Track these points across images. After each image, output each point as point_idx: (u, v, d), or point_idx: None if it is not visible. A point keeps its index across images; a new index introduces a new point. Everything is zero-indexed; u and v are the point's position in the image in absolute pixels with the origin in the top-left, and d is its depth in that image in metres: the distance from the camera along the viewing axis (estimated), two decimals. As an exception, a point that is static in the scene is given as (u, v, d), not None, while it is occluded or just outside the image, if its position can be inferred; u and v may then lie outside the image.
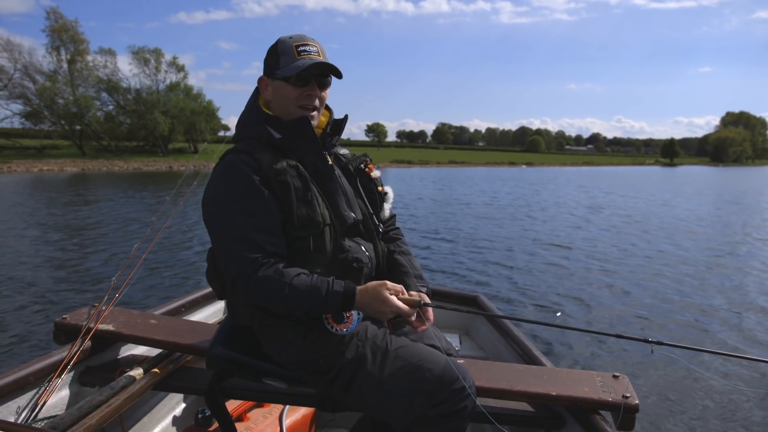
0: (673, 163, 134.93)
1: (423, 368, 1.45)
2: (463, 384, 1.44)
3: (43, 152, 48.34)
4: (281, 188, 1.47)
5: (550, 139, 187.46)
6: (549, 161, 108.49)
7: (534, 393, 1.62)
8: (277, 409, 2.13)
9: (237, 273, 1.42)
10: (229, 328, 1.65)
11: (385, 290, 1.41)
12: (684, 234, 13.15)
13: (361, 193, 1.73)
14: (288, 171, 1.49)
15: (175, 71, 58.81)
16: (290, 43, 1.55)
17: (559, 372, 1.77)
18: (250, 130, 1.59)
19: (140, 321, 2.05)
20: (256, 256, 1.41)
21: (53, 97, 49.46)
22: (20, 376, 1.65)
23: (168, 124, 54.21)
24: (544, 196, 25.15)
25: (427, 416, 1.42)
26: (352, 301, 1.42)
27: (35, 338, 5.03)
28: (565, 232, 13.14)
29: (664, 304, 6.90)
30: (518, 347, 2.20)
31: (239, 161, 1.49)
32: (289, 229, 1.48)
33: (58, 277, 7.48)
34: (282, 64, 1.54)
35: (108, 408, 1.57)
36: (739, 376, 4.54)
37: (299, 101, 1.55)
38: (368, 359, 1.48)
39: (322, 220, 1.49)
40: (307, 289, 1.40)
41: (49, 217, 14.07)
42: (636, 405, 1.58)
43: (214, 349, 1.62)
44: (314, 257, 1.49)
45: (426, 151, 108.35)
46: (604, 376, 1.74)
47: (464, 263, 9.16)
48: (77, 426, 1.45)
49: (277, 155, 1.52)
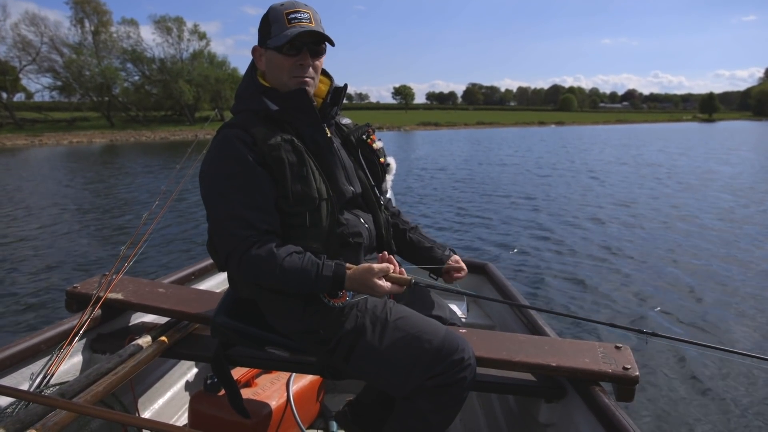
0: (712, 118, 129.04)
1: (422, 339, 1.45)
2: (462, 355, 1.44)
3: (73, 124, 49.35)
4: (276, 164, 1.45)
5: (583, 97, 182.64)
6: (580, 120, 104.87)
7: (535, 363, 1.61)
8: (285, 375, 2.17)
9: (229, 251, 1.44)
10: (231, 298, 1.68)
11: (372, 277, 1.41)
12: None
13: (362, 164, 1.70)
14: (282, 146, 1.46)
15: (198, 39, 58.74)
16: (281, 11, 1.50)
17: (561, 342, 1.75)
18: (247, 103, 1.56)
19: (149, 290, 2.09)
20: (248, 234, 1.41)
21: (80, 70, 50.12)
22: (33, 344, 1.72)
23: (193, 93, 54.48)
24: (548, 158, 24.51)
25: (426, 386, 1.43)
26: (341, 286, 1.42)
27: (50, 306, 5.28)
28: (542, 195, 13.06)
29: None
30: (524, 317, 2.18)
31: (233, 136, 1.47)
32: (284, 205, 1.47)
33: (72, 247, 7.80)
34: (273, 33, 1.50)
35: (116, 375, 1.62)
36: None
37: (292, 71, 1.51)
38: (367, 330, 1.49)
39: (318, 196, 1.47)
40: (296, 271, 1.40)
41: (67, 189, 14.48)
42: (636, 377, 1.56)
43: (218, 318, 1.65)
44: (310, 232, 1.48)
45: (454, 113, 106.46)
46: (606, 347, 1.71)
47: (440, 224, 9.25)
48: (85, 393, 1.51)
49: (274, 129, 1.49)
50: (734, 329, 4.88)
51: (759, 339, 4.71)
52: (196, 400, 2.03)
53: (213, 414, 1.97)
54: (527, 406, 1.91)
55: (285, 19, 1.48)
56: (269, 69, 1.55)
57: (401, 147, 30.87)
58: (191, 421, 2.02)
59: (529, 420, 1.88)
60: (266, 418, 1.98)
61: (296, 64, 1.50)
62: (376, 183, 1.72)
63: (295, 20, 1.48)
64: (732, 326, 4.95)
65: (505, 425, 2.09)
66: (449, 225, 9.53)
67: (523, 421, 1.94)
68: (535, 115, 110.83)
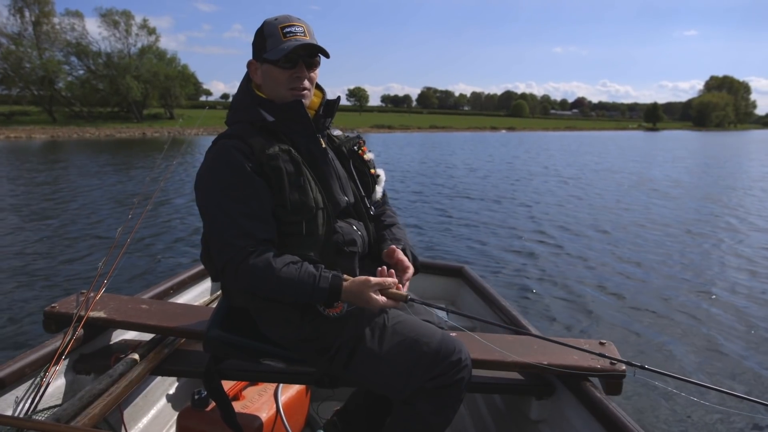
0: (656, 127, 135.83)
1: (420, 342, 1.50)
2: (459, 356, 1.50)
3: (11, 119, 46.60)
4: (273, 174, 1.47)
5: (535, 104, 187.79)
6: (531, 126, 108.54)
7: (525, 363, 1.68)
8: (272, 386, 2.18)
9: (226, 260, 1.45)
10: (224, 310, 1.68)
11: (368, 290, 1.42)
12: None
13: (354, 175, 1.74)
14: (280, 156, 1.49)
15: (147, 34, 56.73)
16: (275, 25, 1.54)
17: (548, 341, 1.84)
18: (243, 114, 1.58)
19: (131, 306, 2.06)
20: (246, 244, 1.43)
21: (19, 62, 47.40)
22: (16, 368, 1.65)
23: (141, 89, 52.55)
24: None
25: (426, 388, 1.49)
26: (337, 298, 1.45)
27: (23, 328, 4.91)
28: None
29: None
30: (506, 317, 2.25)
31: (231, 146, 1.48)
32: (281, 214, 1.49)
33: (37, 264, 7.12)
34: (269, 47, 1.53)
35: (109, 396, 1.59)
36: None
37: (289, 84, 1.54)
38: (366, 336, 1.53)
39: (315, 205, 1.51)
40: (293, 282, 1.42)
41: (19, 194, 13.39)
42: (623, 371, 1.66)
43: (211, 332, 1.64)
44: (307, 241, 1.51)
45: (408, 116, 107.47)
46: (592, 344, 1.81)
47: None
48: (81, 416, 1.48)
49: (270, 139, 1.52)
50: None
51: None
52: (184, 416, 2.01)
53: (202, 429, 1.96)
54: (517, 404, 1.98)
55: (280, 33, 1.52)
56: (266, 82, 1.58)
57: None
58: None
59: (519, 418, 1.95)
60: (257, 431, 1.99)
61: (293, 76, 1.54)
62: (366, 193, 1.76)
63: (290, 34, 1.52)
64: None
65: (493, 424, 2.16)
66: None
67: (513, 419, 2.01)
68: (487, 120, 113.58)
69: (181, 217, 10.09)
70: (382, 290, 1.45)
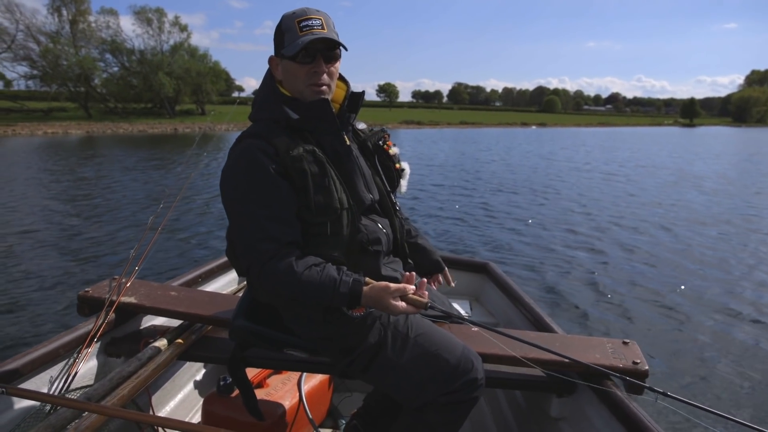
0: (693, 123, 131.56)
1: (440, 357, 1.50)
2: (476, 375, 1.50)
3: (50, 115, 48.13)
4: (298, 176, 1.45)
5: (567, 99, 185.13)
6: (563, 122, 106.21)
7: (545, 360, 1.66)
8: (295, 375, 2.21)
9: (250, 262, 1.45)
10: (249, 301, 1.70)
11: (389, 297, 1.38)
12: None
13: (379, 170, 1.73)
14: (305, 157, 1.47)
15: (179, 31, 57.78)
16: (293, 19, 1.50)
17: (570, 339, 1.82)
18: (268, 112, 1.56)
19: (160, 293, 2.11)
20: (269, 247, 1.42)
21: (57, 59, 48.92)
22: (52, 348, 1.73)
23: (173, 86, 53.64)
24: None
25: (439, 402, 1.48)
26: (357, 303, 1.43)
27: (55, 310, 5.16)
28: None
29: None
30: (529, 314, 2.24)
31: (256, 148, 1.47)
32: (306, 215, 1.47)
33: (73, 249, 7.53)
34: (286, 42, 1.50)
35: (138, 379, 1.64)
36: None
37: (307, 79, 1.52)
38: (388, 344, 1.52)
39: (340, 205, 1.48)
40: (314, 286, 1.40)
41: (57, 185, 14.02)
42: (646, 371, 1.63)
43: (237, 321, 1.67)
44: (331, 241, 1.49)
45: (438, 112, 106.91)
46: (615, 343, 1.78)
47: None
48: (111, 397, 1.53)
49: (295, 139, 1.50)
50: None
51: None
52: (209, 401, 2.05)
53: (226, 415, 2.00)
54: (537, 400, 1.97)
55: (297, 27, 1.49)
56: (286, 78, 1.56)
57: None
58: (204, 422, 2.04)
59: (539, 414, 1.94)
60: (280, 419, 2.02)
61: (311, 71, 1.51)
62: (391, 188, 1.75)
63: (306, 28, 1.48)
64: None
65: (513, 420, 2.15)
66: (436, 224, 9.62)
67: (533, 415, 2.00)
68: (518, 116, 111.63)
69: (209, 210, 10.29)
70: (403, 296, 1.41)
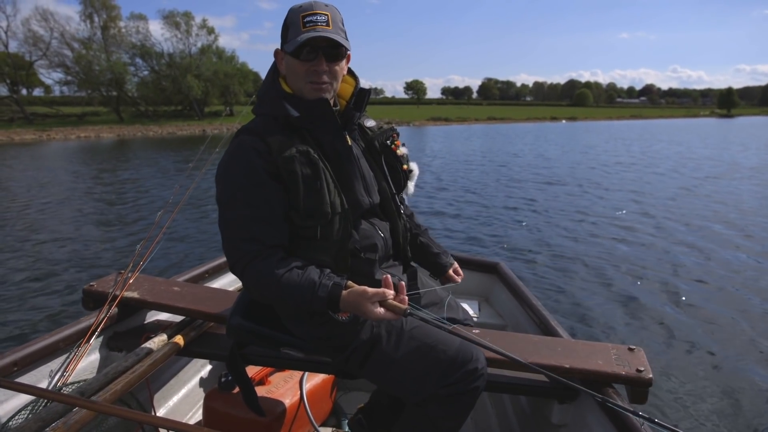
0: (731, 114, 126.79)
1: (437, 349, 1.46)
2: (476, 365, 1.45)
3: (83, 119, 49.66)
4: (289, 177, 1.41)
5: (600, 92, 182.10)
6: (594, 115, 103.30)
7: (548, 365, 1.61)
8: (298, 373, 2.19)
9: (233, 261, 1.43)
10: (246, 299, 1.69)
11: (366, 302, 1.32)
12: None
13: (385, 171, 1.67)
14: (297, 158, 1.42)
15: (206, 34, 58.80)
16: (298, 13, 1.44)
17: (574, 344, 1.75)
18: (268, 107, 1.52)
19: (164, 288, 2.11)
20: (252, 248, 1.40)
21: (89, 65, 50.40)
22: (52, 342, 1.74)
23: (202, 88, 54.65)
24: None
25: (440, 395, 1.44)
26: (336, 307, 1.38)
27: (66, 303, 5.33)
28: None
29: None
30: (536, 317, 2.18)
31: (248, 145, 1.43)
32: (295, 218, 1.44)
33: (86, 244, 7.82)
34: (289, 37, 1.45)
35: (133, 374, 1.64)
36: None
37: (307, 77, 1.46)
38: (383, 339, 1.49)
39: (332, 210, 1.44)
40: (294, 288, 1.37)
41: (79, 185, 14.49)
42: (650, 379, 1.56)
43: (233, 320, 1.66)
44: (321, 245, 1.46)
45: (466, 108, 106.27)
46: (620, 349, 1.71)
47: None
48: (104, 392, 1.53)
49: (291, 137, 1.46)
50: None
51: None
52: (210, 398, 2.05)
53: (227, 412, 1.99)
54: (539, 406, 1.91)
55: (301, 22, 1.43)
56: (288, 73, 1.51)
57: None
58: (206, 418, 2.04)
59: (541, 420, 1.88)
60: (280, 416, 2.00)
61: (311, 69, 1.45)
62: (397, 190, 1.70)
63: (310, 23, 1.42)
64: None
65: (517, 425, 2.10)
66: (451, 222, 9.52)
67: (536, 421, 1.94)
68: (548, 110, 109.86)
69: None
70: (381, 302, 1.34)
